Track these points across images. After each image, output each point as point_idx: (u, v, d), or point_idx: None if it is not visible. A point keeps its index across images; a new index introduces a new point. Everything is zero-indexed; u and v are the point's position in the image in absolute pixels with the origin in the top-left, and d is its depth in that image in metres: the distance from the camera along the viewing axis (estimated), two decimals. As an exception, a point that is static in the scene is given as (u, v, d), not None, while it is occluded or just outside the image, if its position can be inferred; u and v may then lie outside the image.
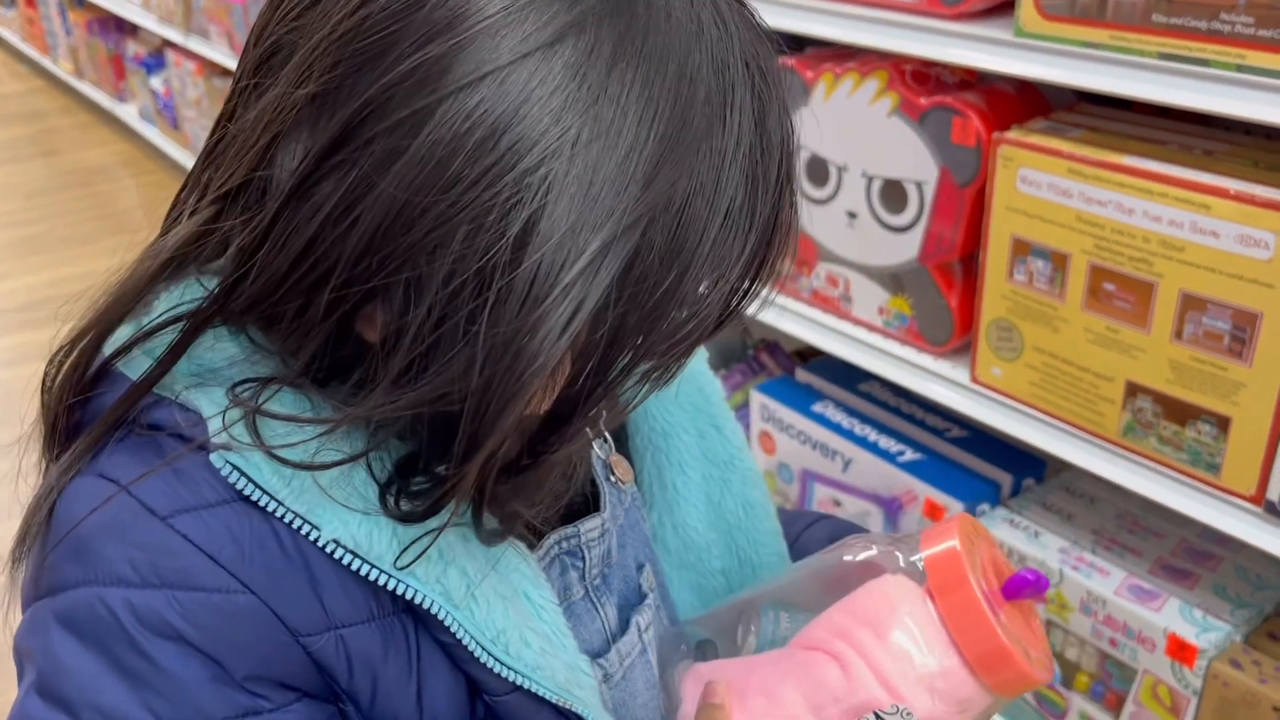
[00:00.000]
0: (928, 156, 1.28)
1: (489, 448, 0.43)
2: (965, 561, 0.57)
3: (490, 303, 0.41)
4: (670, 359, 0.48)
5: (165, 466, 0.46)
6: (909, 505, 1.48)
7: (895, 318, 1.42)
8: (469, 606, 0.49)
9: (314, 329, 0.45)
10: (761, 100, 0.46)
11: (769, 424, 1.68)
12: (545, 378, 0.42)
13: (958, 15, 1.20)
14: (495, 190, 0.40)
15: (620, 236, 0.42)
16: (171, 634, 0.45)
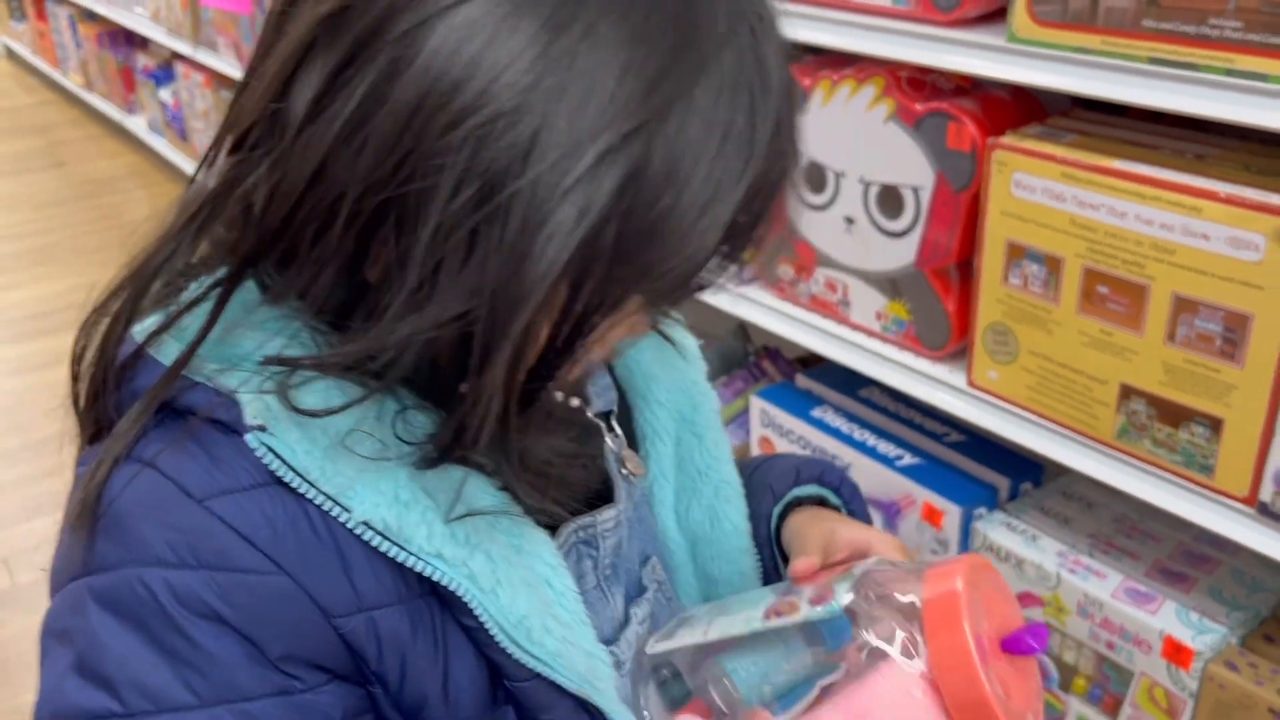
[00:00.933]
0: (924, 162, 1.29)
1: (504, 356, 0.44)
2: (964, 608, 0.56)
3: (497, 211, 0.42)
4: (666, 292, 0.49)
5: (201, 451, 0.47)
6: (907, 510, 1.48)
7: (893, 322, 1.42)
8: (494, 592, 0.50)
9: (330, 256, 0.46)
10: (760, 40, 0.47)
11: (769, 429, 1.69)
12: (551, 286, 0.43)
13: (952, 22, 1.22)
14: (499, 98, 0.42)
15: (619, 147, 0.42)
16: (209, 613, 0.46)
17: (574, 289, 0.45)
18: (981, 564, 0.60)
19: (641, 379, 0.70)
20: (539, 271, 0.43)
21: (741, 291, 1.64)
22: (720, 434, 0.73)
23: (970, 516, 1.42)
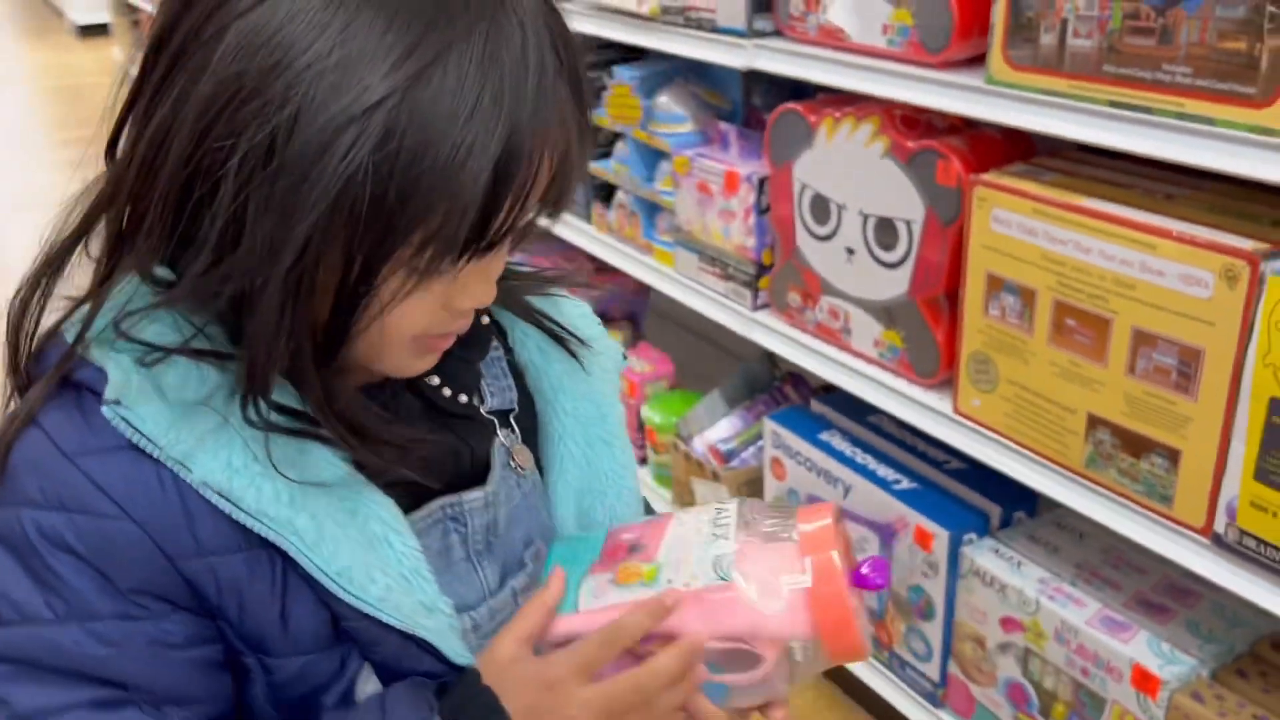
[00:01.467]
0: (915, 196, 1.35)
1: (274, 301, 0.53)
2: (835, 539, 0.65)
3: (272, 174, 0.52)
4: (442, 246, 0.56)
5: (80, 417, 0.57)
6: (901, 532, 1.52)
7: (888, 350, 1.48)
8: (317, 546, 0.59)
9: (159, 226, 0.56)
10: (517, 24, 0.56)
11: (779, 451, 1.75)
12: (317, 234, 0.52)
13: (940, 64, 1.28)
14: (271, 87, 0.52)
15: (370, 115, 0.52)
16: (68, 549, 0.57)
17: (349, 241, 0.54)
18: (837, 511, 0.69)
19: (550, 388, 0.78)
20: (302, 217, 0.52)
21: (755, 317, 1.71)
22: (627, 444, 0.81)
23: (959, 541, 1.46)
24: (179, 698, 0.59)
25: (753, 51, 1.54)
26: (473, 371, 0.73)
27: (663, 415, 2.10)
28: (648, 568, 0.66)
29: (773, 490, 1.79)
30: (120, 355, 0.58)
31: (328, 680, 0.63)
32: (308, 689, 0.63)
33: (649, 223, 1.98)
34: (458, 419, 0.71)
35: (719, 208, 1.72)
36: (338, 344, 0.58)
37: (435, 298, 0.60)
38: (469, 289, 0.62)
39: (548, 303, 0.79)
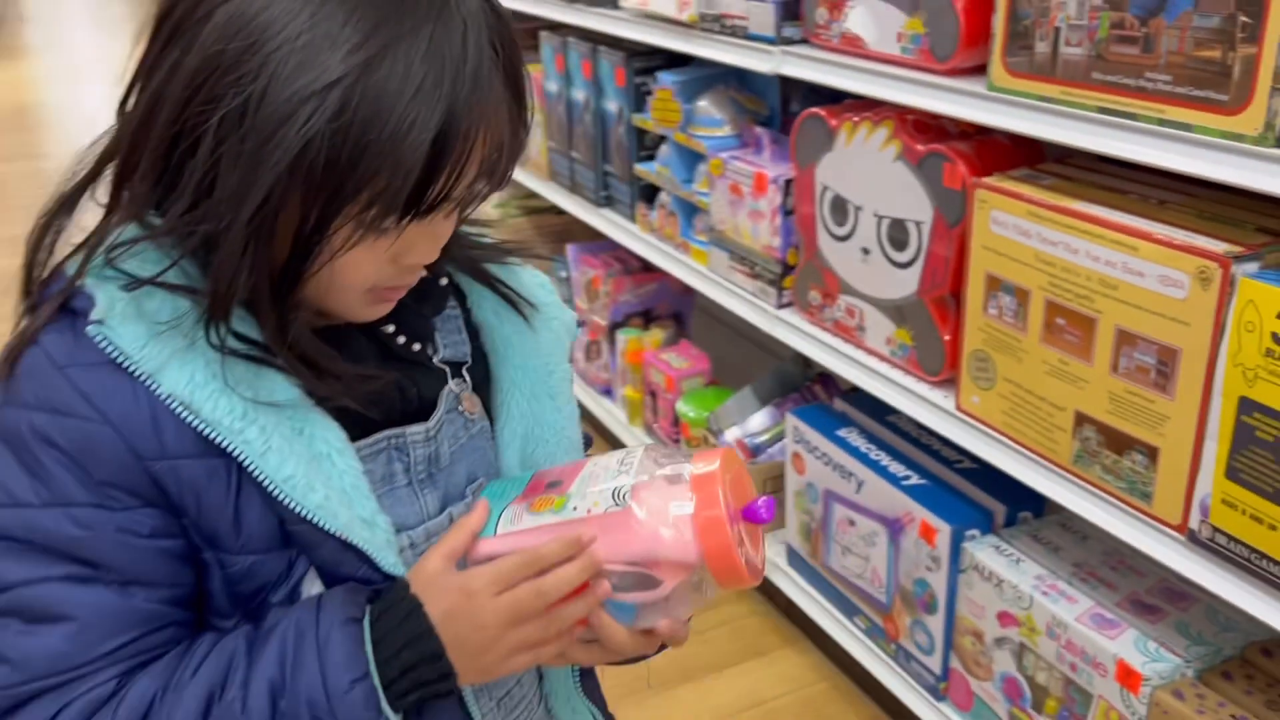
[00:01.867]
0: (924, 198, 1.40)
1: (238, 237, 0.63)
2: (720, 478, 0.72)
3: (245, 133, 0.62)
4: (388, 204, 0.64)
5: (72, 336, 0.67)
6: (908, 525, 1.56)
7: (899, 347, 1.52)
8: (264, 456, 0.68)
9: (152, 172, 0.66)
10: (460, 21, 0.65)
11: (800, 446, 1.80)
12: (279, 185, 0.62)
13: (949, 71, 1.33)
14: (247, 62, 0.62)
15: (329, 90, 0.61)
16: (53, 444, 0.66)
17: (305, 196, 0.63)
18: (733, 455, 0.76)
19: (501, 344, 0.86)
20: (264, 176, 0.62)
21: (780, 315, 1.77)
22: (571, 400, 0.89)
23: (961, 536, 1.49)
24: (143, 580, 0.68)
25: (780, 58, 1.60)
26: (426, 324, 0.82)
27: (696, 410, 2.16)
28: (559, 498, 0.74)
29: (793, 484, 1.84)
30: (108, 284, 0.68)
31: (276, 579, 0.72)
32: (258, 585, 0.71)
33: (687, 223, 2.06)
34: (409, 364, 0.79)
35: (749, 208, 1.79)
36: (293, 283, 0.67)
37: (383, 252, 0.69)
38: (415, 247, 0.70)
39: (506, 271, 0.87)
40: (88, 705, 0.67)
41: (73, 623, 0.67)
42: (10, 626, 0.67)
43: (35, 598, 0.66)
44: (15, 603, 0.67)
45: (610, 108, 2.20)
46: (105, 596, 0.67)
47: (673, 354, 2.31)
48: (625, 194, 2.23)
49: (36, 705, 0.67)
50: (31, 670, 0.67)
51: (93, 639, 0.67)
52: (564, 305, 0.90)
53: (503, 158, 0.69)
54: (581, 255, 2.56)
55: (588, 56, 2.22)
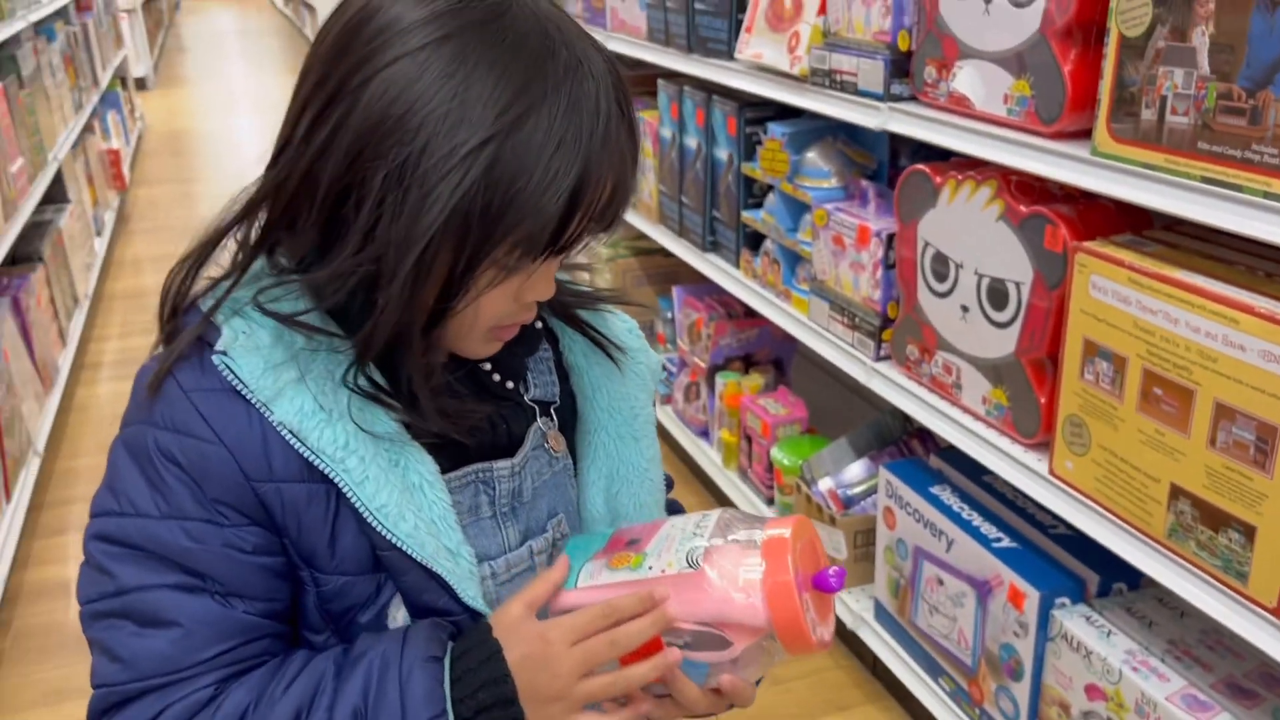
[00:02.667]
0: (1025, 259, 1.39)
1: (402, 281, 0.68)
2: (791, 545, 0.73)
3: (405, 191, 0.67)
4: (528, 248, 0.70)
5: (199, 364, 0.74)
6: (996, 589, 1.54)
7: (995, 407, 1.51)
8: (362, 484, 0.73)
9: (312, 225, 0.72)
10: (593, 81, 0.70)
11: (892, 500, 1.79)
12: (436, 235, 0.67)
13: (1054, 134, 1.33)
14: (407, 124, 0.67)
15: (480, 149, 0.66)
16: (174, 461, 0.72)
17: (458, 242, 0.68)
18: (806, 523, 0.77)
19: (590, 387, 0.90)
20: (425, 225, 0.67)
21: (877, 367, 1.77)
22: (654, 441, 0.92)
23: (1051, 604, 1.46)
24: (244, 593, 0.74)
25: (888, 114, 1.62)
26: (520, 363, 0.86)
27: (791, 457, 2.17)
28: (636, 556, 0.76)
29: (884, 539, 1.83)
30: (235, 320, 0.74)
31: (364, 601, 0.76)
32: (348, 605, 0.76)
33: (790, 271, 2.08)
34: (501, 400, 0.84)
35: (851, 260, 1.80)
36: (438, 322, 0.73)
37: (511, 292, 0.74)
38: (536, 286, 0.75)
39: (596, 317, 0.91)
40: (187, 709, 0.73)
41: (179, 629, 0.72)
42: (125, 628, 0.73)
43: (147, 603, 0.72)
44: (130, 606, 0.73)
45: (721, 155, 2.25)
46: (209, 606, 0.73)
47: (771, 400, 2.33)
48: (731, 240, 2.27)
49: (141, 703, 0.73)
50: (140, 670, 0.72)
51: (195, 645, 0.73)
52: (649, 349, 0.94)
53: (622, 201, 0.75)
54: (686, 297, 2.61)
55: (702, 105, 2.28)
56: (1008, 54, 1.38)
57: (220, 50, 12.02)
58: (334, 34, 0.72)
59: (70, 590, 2.54)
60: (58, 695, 2.11)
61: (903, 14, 1.58)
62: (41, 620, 2.34)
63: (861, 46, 1.66)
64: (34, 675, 2.17)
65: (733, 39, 2.07)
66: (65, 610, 2.35)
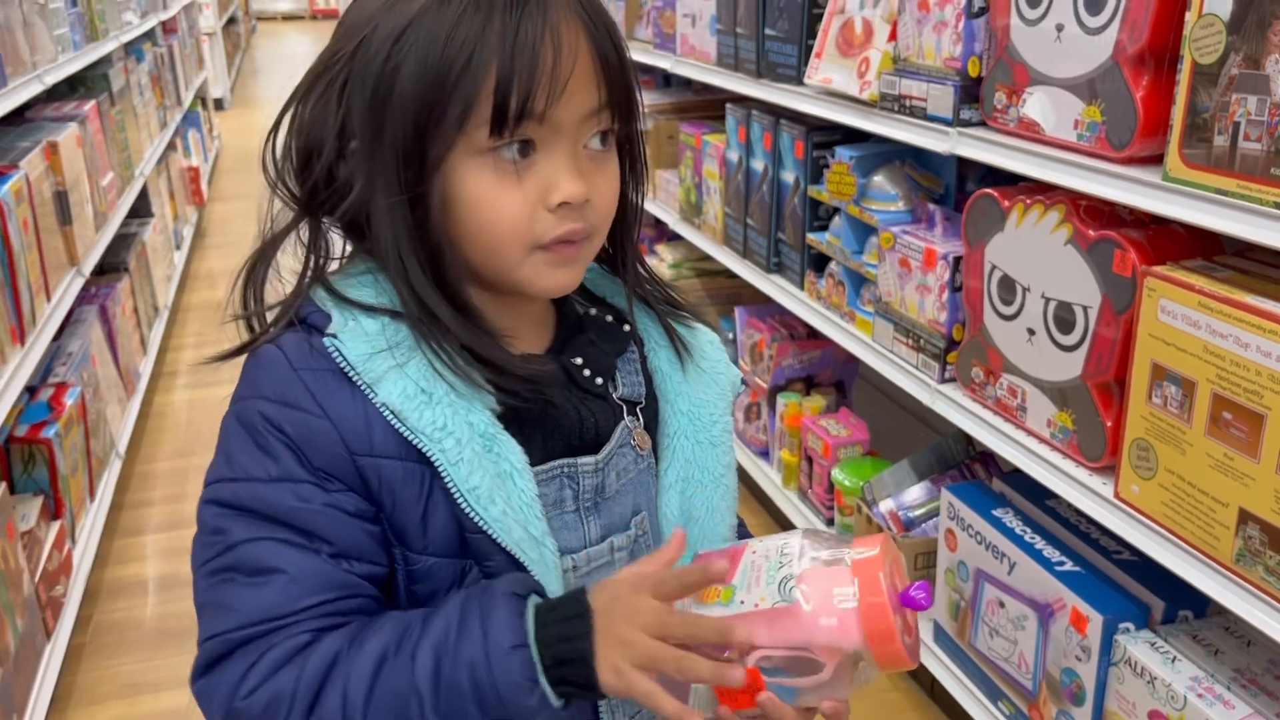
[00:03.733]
0: (1093, 283, 1.40)
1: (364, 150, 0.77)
2: (882, 564, 0.75)
3: (351, 89, 0.78)
4: (469, 119, 0.75)
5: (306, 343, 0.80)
6: (1059, 612, 1.54)
7: (1060, 430, 1.52)
8: (456, 465, 0.77)
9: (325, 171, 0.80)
10: None
11: (954, 522, 1.80)
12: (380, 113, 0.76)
13: (1125, 160, 1.34)
14: (352, 36, 0.78)
15: (407, 27, 0.74)
16: (281, 431, 0.77)
17: (413, 133, 0.75)
18: (890, 542, 0.78)
19: (671, 391, 0.93)
20: (373, 119, 0.76)
21: (941, 389, 1.78)
22: (730, 448, 0.95)
23: (1114, 628, 1.46)
24: (349, 553, 0.78)
25: (957, 139, 1.64)
26: (609, 362, 0.90)
27: (852, 478, 2.18)
28: (724, 589, 0.77)
29: (945, 561, 1.83)
30: (343, 305, 0.80)
31: (449, 584, 0.80)
32: (433, 588, 0.80)
33: (854, 293, 2.10)
34: (590, 396, 0.87)
35: (917, 282, 1.82)
36: (441, 234, 0.78)
37: (522, 190, 0.78)
38: (555, 184, 0.78)
39: (682, 327, 0.95)
40: (286, 652, 0.76)
41: (284, 575, 0.76)
42: (235, 580, 0.77)
43: (255, 555, 0.77)
44: (240, 559, 0.77)
45: (787, 178, 2.28)
46: (312, 559, 0.77)
47: (832, 421, 2.34)
48: (796, 261, 2.30)
49: (246, 650, 0.76)
50: (248, 616, 0.76)
51: (297, 593, 0.76)
52: (730, 363, 0.98)
53: (601, 97, 0.78)
54: (749, 318, 2.63)
55: (769, 129, 2.31)
56: (1079, 80, 1.40)
57: (292, 72, 12.22)
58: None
59: (148, 589, 2.63)
60: (133, 689, 2.19)
61: (974, 41, 1.60)
62: (119, 616, 2.42)
63: (931, 72, 1.69)
64: (112, 669, 2.25)
65: (802, 64, 2.10)
66: (142, 607, 2.44)
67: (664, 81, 3.34)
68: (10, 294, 2.09)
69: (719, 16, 2.47)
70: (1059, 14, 1.42)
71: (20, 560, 1.94)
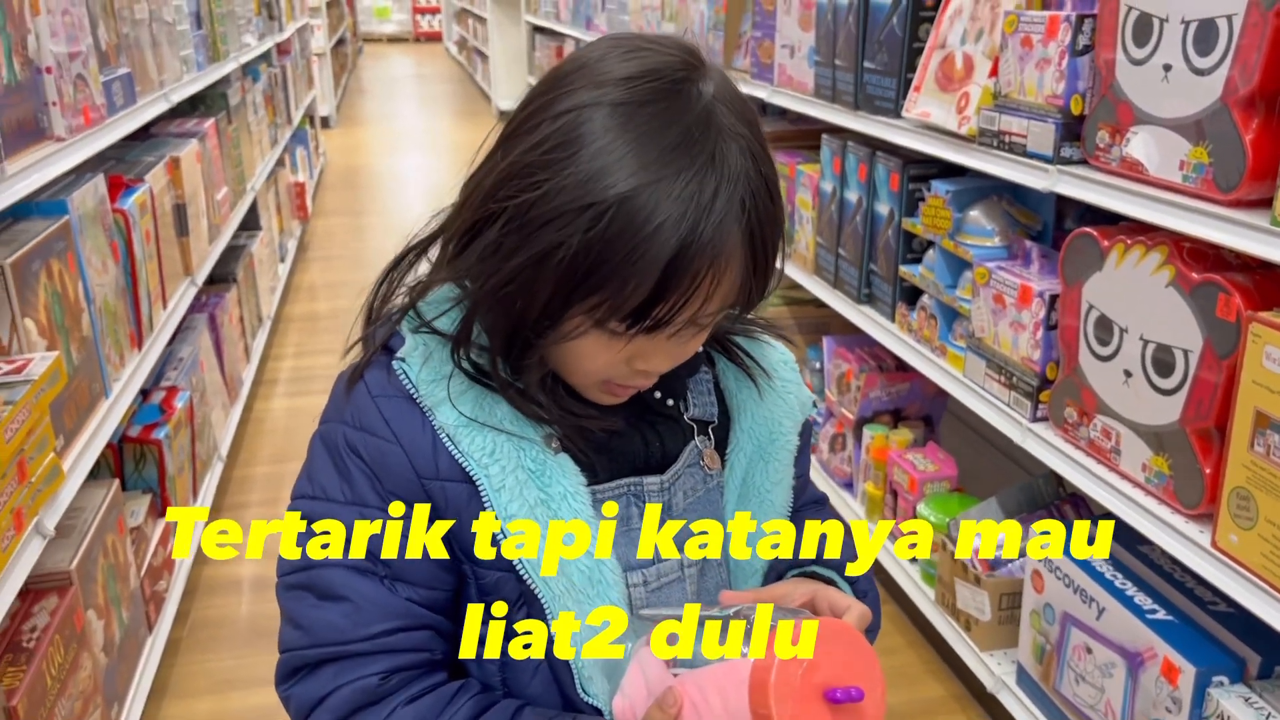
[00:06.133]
0: (1195, 327, 1.38)
1: (485, 309, 0.78)
2: (772, 681, 0.72)
3: (525, 219, 0.74)
4: (604, 311, 0.74)
5: (385, 371, 0.83)
6: (1149, 662, 1.50)
7: (1155, 475, 1.49)
8: (500, 491, 0.81)
9: (461, 236, 0.80)
10: (718, 183, 0.73)
11: (1040, 564, 1.77)
12: (528, 269, 0.74)
13: (1231, 203, 1.32)
14: (547, 167, 0.73)
15: (592, 206, 0.71)
16: (359, 455, 0.81)
17: (554, 283, 0.73)
18: (837, 632, 0.75)
19: (737, 409, 0.95)
20: (519, 256, 0.74)
21: (1033, 428, 1.76)
22: (785, 467, 0.95)
23: (1207, 681, 1.42)
24: (408, 578, 0.82)
25: (1056, 176, 1.63)
26: (681, 383, 0.92)
27: (937, 514, 2.16)
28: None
29: (1030, 602, 1.80)
30: (419, 330, 0.84)
31: (516, 598, 0.83)
32: (503, 598, 0.83)
33: (946, 327, 2.08)
34: (661, 417, 0.90)
35: (1011, 319, 1.80)
36: (529, 343, 0.79)
37: (617, 353, 0.79)
38: (649, 356, 0.80)
39: (754, 344, 0.97)
40: (355, 693, 0.81)
41: (349, 604, 0.82)
42: (307, 599, 0.83)
43: (325, 578, 0.82)
44: (311, 580, 0.83)
45: (882, 210, 2.28)
46: (376, 587, 0.82)
47: (919, 455, 2.32)
48: (887, 293, 2.29)
49: (317, 676, 0.82)
50: (317, 637, 0.82)
51: (362, 620, 0.82)
52: (803, 384, 0.99)
53: (739, 299, 0.79)
54: (837, 348, 2.63)
55: (865, 161, 2.32)
56: (1186, 121, 1.38)
57: (396, 93, 12.72)
58: (550, 70, 0.80)
59: (242, 589, 2.73)
60: (227, 684, 2.27)
61: (1077, 79, 1.59)
62: (215, 613, 2.52)
63: (1033, 109, 1.68)
64: (207, 664, 2.34)
65: (900, 98, 2.11)
66: (237, 605, 2.53)
67: (759, 110, 3.37)
68: (131, 301, 2.21)
69: (817, 48, 2.48)
70: (1167, 53, 1.40)
71: (129, 555, 2.04)
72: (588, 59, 0.78)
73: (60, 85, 1.82)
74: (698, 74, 0.76)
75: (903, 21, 2.08)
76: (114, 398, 1.99)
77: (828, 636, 0.75)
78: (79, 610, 1.70)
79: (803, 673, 0.72)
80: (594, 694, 0.84)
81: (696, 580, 0.91)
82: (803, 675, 0.72)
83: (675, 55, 0.76)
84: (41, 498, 1.52)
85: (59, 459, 1.60)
